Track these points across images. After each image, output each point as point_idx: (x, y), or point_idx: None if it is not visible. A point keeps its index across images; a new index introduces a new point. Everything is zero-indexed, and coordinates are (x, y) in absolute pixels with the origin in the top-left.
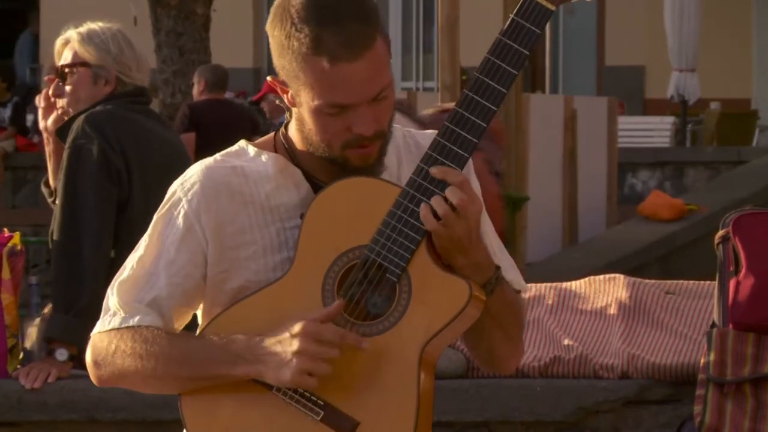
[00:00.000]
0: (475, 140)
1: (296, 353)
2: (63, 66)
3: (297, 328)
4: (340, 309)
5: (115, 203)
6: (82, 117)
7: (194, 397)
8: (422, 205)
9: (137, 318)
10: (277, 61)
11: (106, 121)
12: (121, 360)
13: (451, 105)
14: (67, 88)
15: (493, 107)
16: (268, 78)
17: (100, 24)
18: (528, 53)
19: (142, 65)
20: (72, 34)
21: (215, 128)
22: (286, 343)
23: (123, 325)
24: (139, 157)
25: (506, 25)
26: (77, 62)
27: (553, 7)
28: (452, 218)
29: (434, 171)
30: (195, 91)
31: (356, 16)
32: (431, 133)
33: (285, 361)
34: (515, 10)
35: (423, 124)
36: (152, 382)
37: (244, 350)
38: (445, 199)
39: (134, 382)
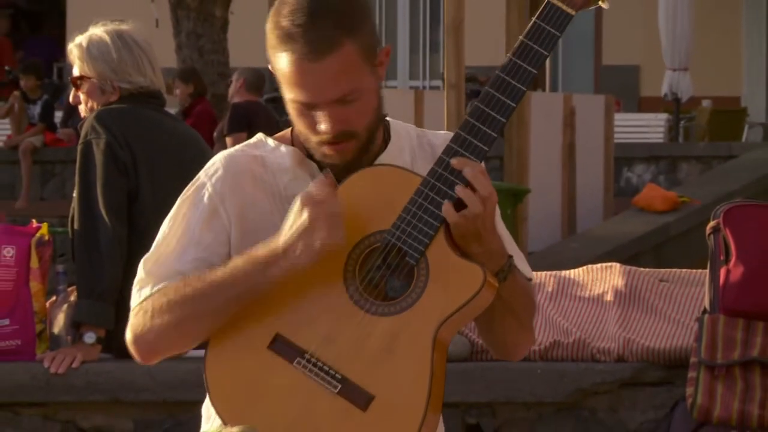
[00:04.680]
0: (494, 134)
1: (312, 220)
2: (74, 78)
3: (296, 205)
4: (329, 179)
5: (125, 193)
6: (92, 115)
7: (218, 368)
8: (439, 195)
9: (165, 282)
10: (268, 54)
11: (113, 118)
12: (159, 319)
13: None
14: (81, 96)
15: (512, 104)
16: (269, 66)
17: (101, 29)
18: (548, 55)
19: (144, 66)
20: (75, 45)
21: (259, 128)
22: (299, 220)
23: (154, 290)
24: (146, 150)
25: (528, 28)
26: (82, 76)
27: (573, 12)
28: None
29: (455, 162)
30: (231, 88)
31: (328, 18)
32: (444, 133)
33: (308, 232)
34: (537, 14)
35: None
36: (192, 324)
37: (269, 251)
38: (466, 187)
39: (177, 335)
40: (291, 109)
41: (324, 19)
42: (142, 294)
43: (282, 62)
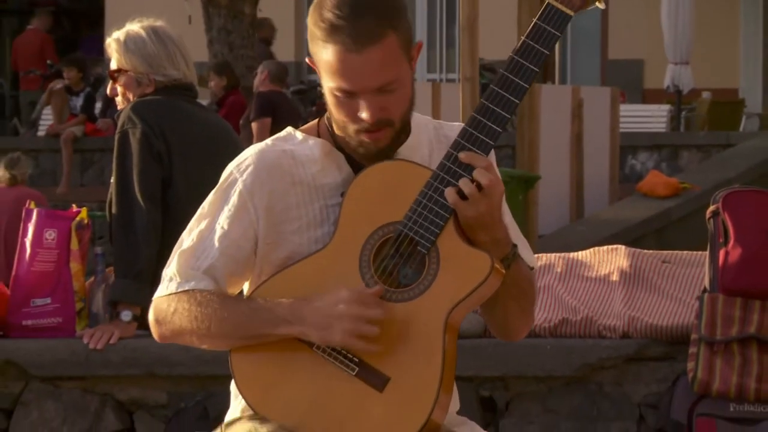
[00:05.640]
0: (499, 129)
1: (343, 316)
2: (111, 71)
3: (343, 293)
4: (380, 292)
5: (160, 180)
6: (129, 106)
7: (243, 353)
8: (448, 187)
9: (192, 283)
10: (309, 46)
11: (148, 109)
12: (179, 320)
13: None
14: (119, 89)
15: (516, 100)
16: (307, 58)
17: (138, 25)
18: (548, 53)
19: (177, 60)
20: (113, 39)
21: (283, 116)
22: (332, 307)
23: (180, 290)
24: (179, 139)
25: (530, 29)
26: (120, 69)
27: (572, 13)
28: (478, 197)
29: (462, 156)
30: (257, 80)
31: (373, 12)
32: (458, 125)
33: (331, 324)
34: (538, 15)
35: None
36: (206, 340)
37: (288, 312)
38: (472, 180)
39: (191, 340)
40: (331, 99)
41: (368, 12)
42: (169, 287)
43: (327, 53)
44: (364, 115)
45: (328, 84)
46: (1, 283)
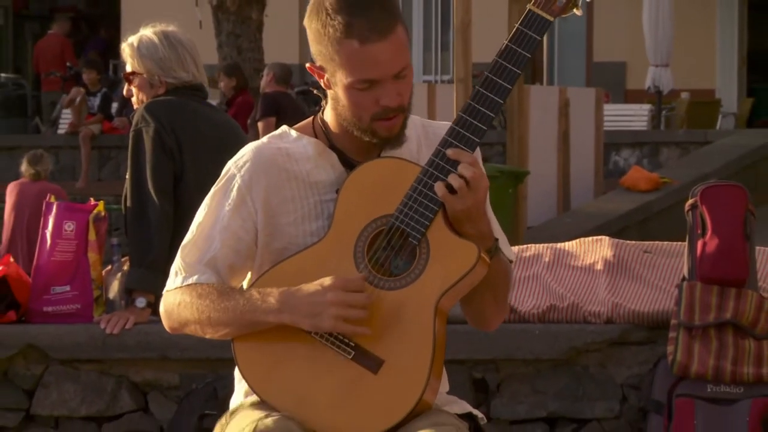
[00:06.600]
0: (484, 128)
1: (330, 303)
2: (126, 74)
3: (327, 281)
4: (364, 279)
5: (171, 174)
6: (142, 106)
7: (244, 339)
8: (437, 182)
9: (195, 277)
10: (315, 48)
11: (161, 108)
12: (184, 312)
13: None
14: (133, 90)
15: (500, 101)
16: (307, 64)
17: (150, 30)
18: (530, 56)
19: (187, 63)
20: (128, 44)
21: (287, 116)
22: (319, 294)
23: (184, 284)
24: (190, 136)
25: (512, 33)
26: (134, 72)
27: (551, 18)
28: (466, 191)
29: (450, 152)
30: (263, 81)
31: (380, 6)
32: (446, 124)
33: (319, 310)
34: (520, 21)
35: None
36: (208, 330)
37: (278, 301)
38: (460, 176)
39: (195, 330)
40: (349, 95)
41: (376, 5)
42: (175, 281)
43: (347, 49)
44: (386, 101)
45: (346, 80)
46: (23, 272)
